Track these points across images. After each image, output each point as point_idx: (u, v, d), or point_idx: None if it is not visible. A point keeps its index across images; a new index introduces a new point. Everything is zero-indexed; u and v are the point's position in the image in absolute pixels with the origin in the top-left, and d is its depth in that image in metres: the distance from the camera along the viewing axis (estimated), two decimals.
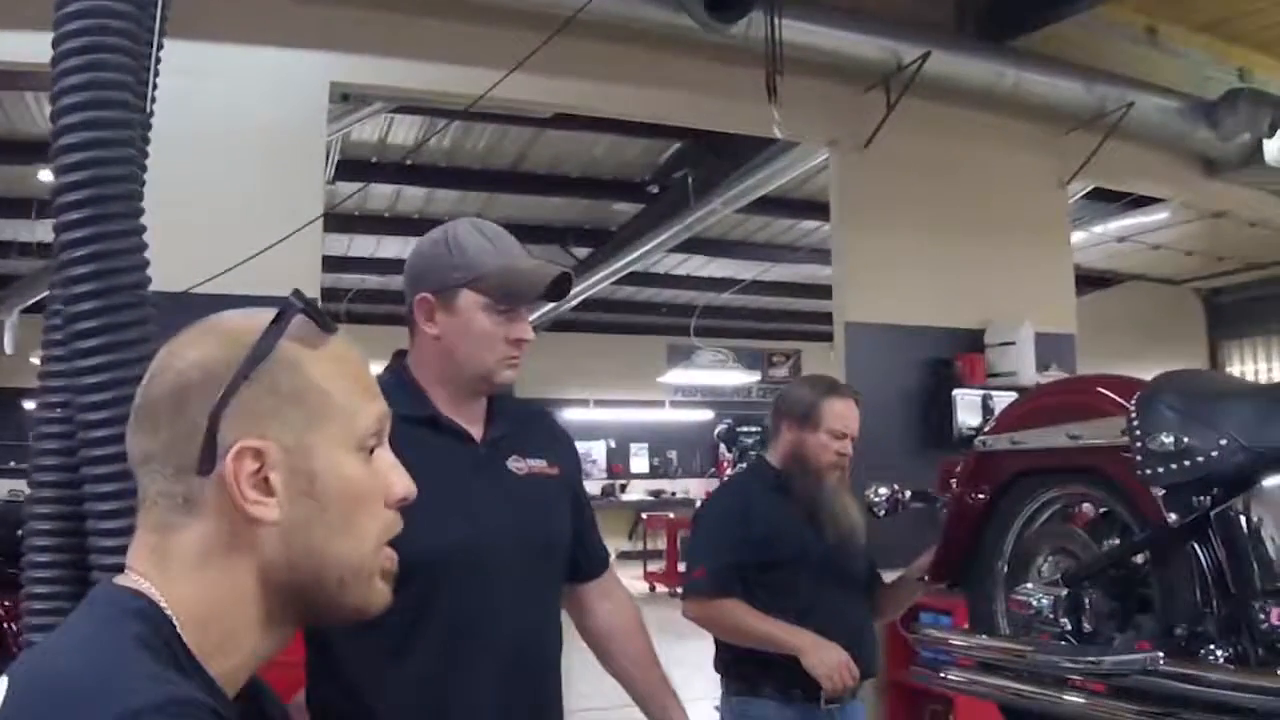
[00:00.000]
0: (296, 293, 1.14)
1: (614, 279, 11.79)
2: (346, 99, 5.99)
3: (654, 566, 15.25)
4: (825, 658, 3.29)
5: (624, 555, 16.76)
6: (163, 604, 1.05)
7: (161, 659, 1.00)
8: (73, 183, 1.64)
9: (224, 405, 1.07)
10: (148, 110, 1.87)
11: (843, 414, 3.57)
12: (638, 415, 18.86)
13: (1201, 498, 2.30)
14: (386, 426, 1.21)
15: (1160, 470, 2.29)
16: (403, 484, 1.20)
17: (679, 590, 13.86)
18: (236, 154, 4.66)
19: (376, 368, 2.35)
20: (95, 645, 1.01)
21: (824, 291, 6.58)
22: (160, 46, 1.88)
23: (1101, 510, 2.70)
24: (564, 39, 4.47)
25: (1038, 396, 3.12)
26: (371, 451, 1.17)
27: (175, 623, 1.05)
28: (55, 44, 1.70)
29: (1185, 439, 2.27)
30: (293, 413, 1.10)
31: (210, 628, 1.07)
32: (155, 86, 1.89)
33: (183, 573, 1.08)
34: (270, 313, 1.12)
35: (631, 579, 14.62)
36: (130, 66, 1.75)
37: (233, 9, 4.71)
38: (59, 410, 1.70)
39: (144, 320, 1.64)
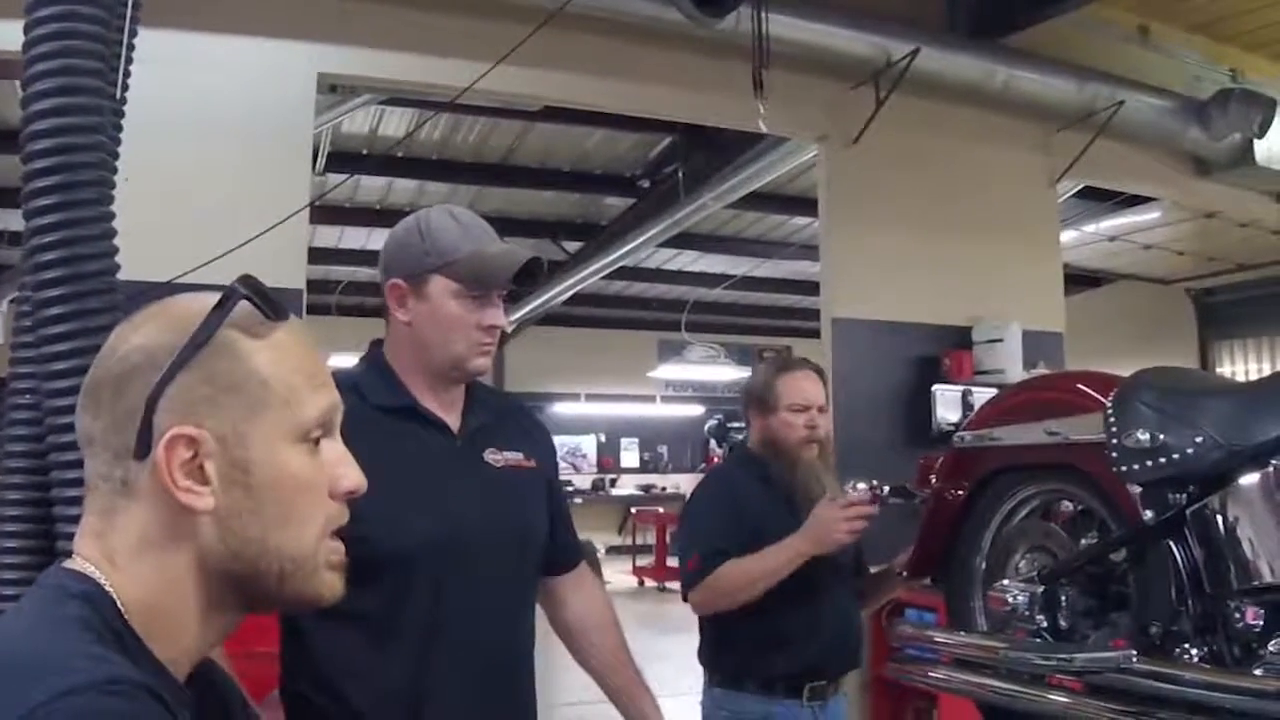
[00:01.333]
0: (244, 279, 1.13)
1: (605, 273, 11.77)
2: (334, 90, 5.98)
3: (643, 561, 15.26)
4: (829, 523, 3.24)
5: (613, 550, 16.80)
6: (108, 587, 1.06)
7: (104, 641, 1.01)
8: (41, 169, 1.64)
9: (160, 391, 1.07)
10: (120, 99, 1.86)
11: (799, 388, 3.54)
12: (628, 410, 18.86)
13: (1178, 495, 2.31)
14: (336, 418, 1.19)
15: (1136, 467, 2.30)
16: (352, 477, 1.19)
17: (666, 585, 13.76)
18: (223, 144, 4.65)
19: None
20: (37, 627, 1.02)
21: (815, 287, 6.57)
22: (133, 34, 1.87)
23: (1079, 507, 2.71)
24: (551, 32, 4.46)
25: (1016, 392, 3.12)
26: (318, 442, 1.16)
27: (120, 606, 1.05)
28: (26, 31, 1.70)
29: (1162, 436, 2.27)
30: (230, 402, 1.09)
31: (153, 612, 1.07)
32: (128, 75, 1.88)
33: (125, 557, 1.08)
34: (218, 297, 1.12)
35: (620, 573, 14.65)
36: (102, 54, 1.75)
37: None
38: (27, 396, 1.70)
39: (112, 308, 1.64)
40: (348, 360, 2.37)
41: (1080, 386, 2.64)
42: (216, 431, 1.08)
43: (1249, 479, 2.21)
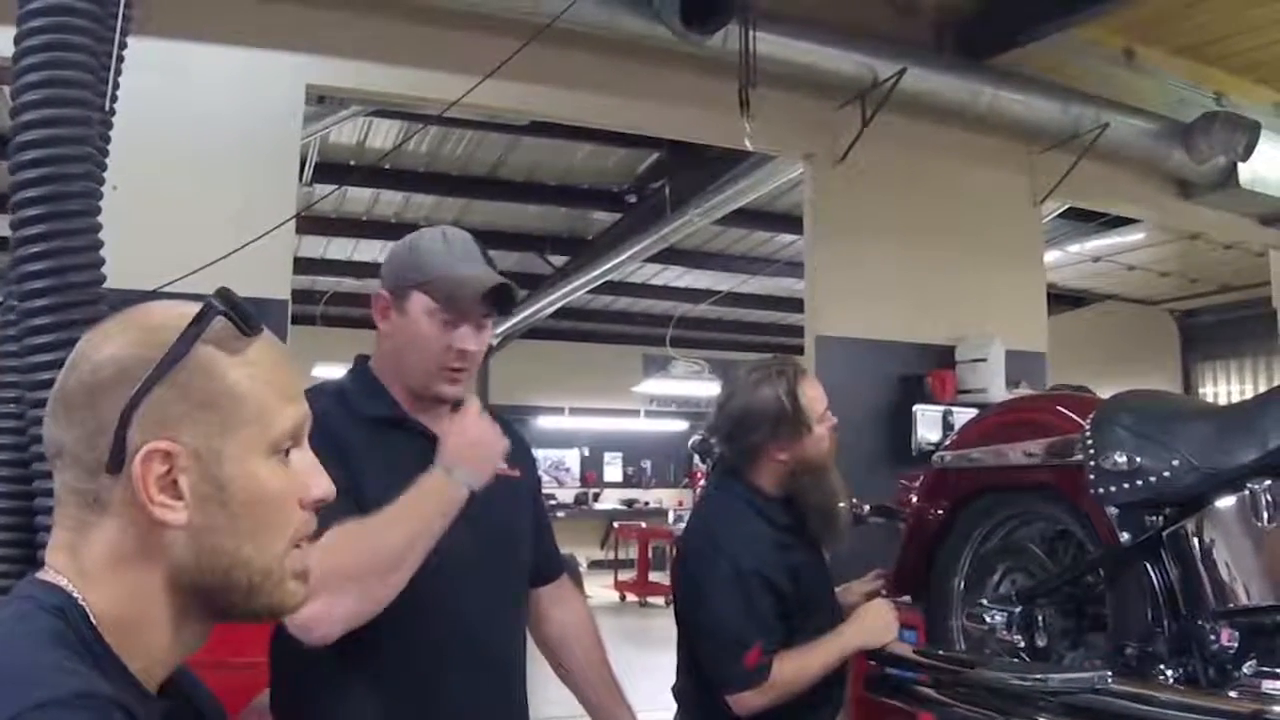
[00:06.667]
0: (220, 292, 1.13)
1: (590, 288, 11.77)
2: (322, 101, 5.99)
3: (625, 575, 15.22)
4: (888, 626, 2.87)
5: (596, 564, 16.76)
6: (80, 600, 1.06)
7: (75, 654, 1.01)
8: (30, 179, 1.65)
9: (135, 406, 1.06)
10: (109, 108, 1.87)
11: (818, 392, 2.97)
12: (612, 424, 18.80)
13: (1154, 517, 2.33)
14: (306, 428, 1.20)
15: (1113, 489, 2.32)
16: (322, 485, 1.19)
17: (648, 600, 13.60)
18: (211, 154, 4.65)
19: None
20: (8, 639, 1.02)
21: (799, 304, 6.58)
22: (123, 45, 1.88)
23: (1057, 528, 2.72)
24: (540, 47, 4.47)
25: (996, 414, 3.14)
26: (288, 453, 1.17)
27: (92, 619, 1.05)
28: (17, 42, 1.71)
29: (1138, 459, 2.29)
30: (204, 417, 1.09)
31: (125, 624, 1.07)
32: (117, 85, 1.89)
33: (96, 571, 1.08)
34: (193, 309, 1.11)
35: (602, 588, 14.62)
36: (91, 65, 1.76)
37: (208, 9, 4.70)
38: (11, 406, 1.71)
39: (97, 318, 1.64)
40: (332, 371, 2.38)
41: (1059, 408, 2.66)
42: (191, 447, 1.08)
43: (1225, 502, 2.23)
